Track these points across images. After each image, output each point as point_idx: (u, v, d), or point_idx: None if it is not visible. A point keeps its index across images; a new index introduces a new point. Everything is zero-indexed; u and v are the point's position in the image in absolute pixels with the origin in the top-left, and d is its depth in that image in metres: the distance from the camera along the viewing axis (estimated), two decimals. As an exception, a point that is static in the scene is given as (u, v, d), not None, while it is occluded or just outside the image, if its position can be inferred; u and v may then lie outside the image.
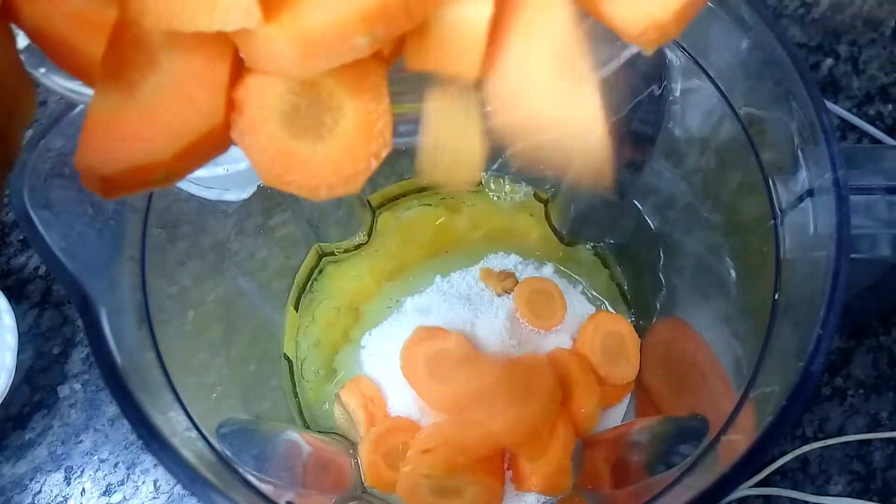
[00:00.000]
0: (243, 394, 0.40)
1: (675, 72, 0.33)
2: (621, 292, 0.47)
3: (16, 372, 0.43)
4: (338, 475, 0.40)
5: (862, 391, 0.46)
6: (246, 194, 0.37)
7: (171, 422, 0.27)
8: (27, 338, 0.47)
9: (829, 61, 0.54)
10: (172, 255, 0.34)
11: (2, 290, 0.44)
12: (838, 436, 0.45)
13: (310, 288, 0.47)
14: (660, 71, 0.33)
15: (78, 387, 0.46)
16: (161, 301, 0.30)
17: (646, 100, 0.35)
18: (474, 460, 0.38)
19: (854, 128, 0.52)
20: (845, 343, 0.47)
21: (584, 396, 0.40)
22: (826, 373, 0.46)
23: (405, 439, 0.39)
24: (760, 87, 0.30)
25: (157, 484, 0.44)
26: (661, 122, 0.36)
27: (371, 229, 0.48)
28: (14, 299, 0.47)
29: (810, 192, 0.27)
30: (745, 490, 0.43)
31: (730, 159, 0.33)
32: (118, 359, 0.26)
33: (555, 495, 0.39)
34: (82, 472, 0.45)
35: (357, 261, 0.48)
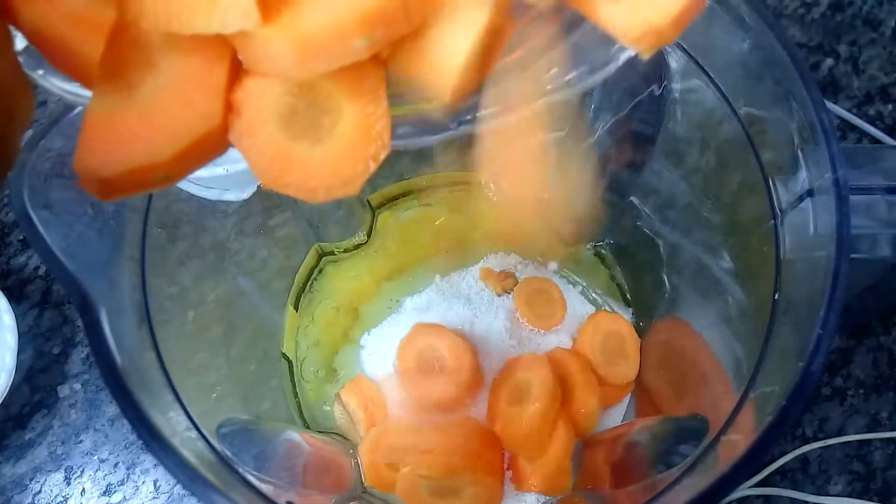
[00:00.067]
0: (243, 394, 0.40)
1: (675, 72, 0.33)
2: (621, 292, 0.47)
3: (16, 372, 0.43)
4: (338, 475, 0.40)
5: (862, 391, 0.46)
6: (246, 194, 0.37)
7: (171, 422, 0.27)
8: (27, 338, 0.47)
9: (829, 61, 0.54)
10: (172, 255, 0.34)
11: (2, 290, 0.44)
12: (838, 436, 0.45)
13: (309, 288, 0.47)
14: (660, 71, 0.33)
15: (78, 387, 0.46)
16: (161, 301, 0.30)
17: (646, 100, 0.35)
18: (474, 460, 0.38)
19: (854, 128, 0.52)
20: (845, 343, 0.47)
21: (584, 396, 0.40)
22: (826, 373, 0.46)
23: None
24: (760, 87, 0.29)
25: (157, 484, 0.44)
26: (661, 122, 0.36)
27: (371, 229, 0.48)
28: (14, 299, 0.47)
29: (810, 192, 0.27)
30: (745, 490, 0.43)
31: (730, 159, 0.33)
32: (118, 359, 0.26)
33: (555, 495, 0.39)
34: (82, 472, 0.45)
35: (357, 261, 0.48)
